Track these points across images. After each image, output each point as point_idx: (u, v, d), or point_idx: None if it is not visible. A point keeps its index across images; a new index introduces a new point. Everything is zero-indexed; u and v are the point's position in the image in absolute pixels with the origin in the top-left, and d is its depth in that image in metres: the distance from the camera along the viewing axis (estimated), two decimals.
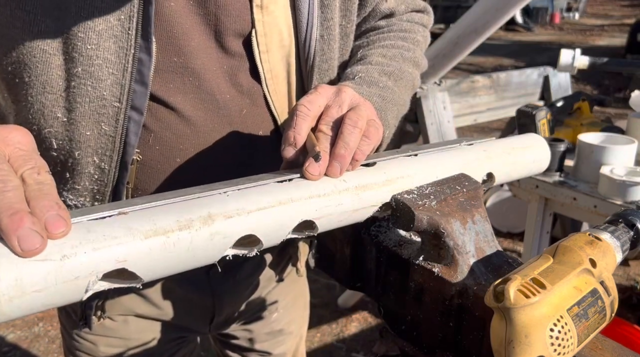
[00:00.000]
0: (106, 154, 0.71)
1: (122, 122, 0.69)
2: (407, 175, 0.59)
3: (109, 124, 0.69)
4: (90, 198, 0.75)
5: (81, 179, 0.73)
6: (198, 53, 0.72)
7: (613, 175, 1.49)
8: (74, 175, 0.73)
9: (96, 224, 0.43)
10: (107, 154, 0.71)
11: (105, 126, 0.69)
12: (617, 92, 6.67)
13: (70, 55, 0.64)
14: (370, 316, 2.59)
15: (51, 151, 0.71)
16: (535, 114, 1.73)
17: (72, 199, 0.75)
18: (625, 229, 0.54)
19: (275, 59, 0.77)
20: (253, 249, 0.49)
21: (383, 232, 0.62)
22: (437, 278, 0.54)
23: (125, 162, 0.72)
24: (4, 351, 2.35)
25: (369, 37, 0.89)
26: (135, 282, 0.44)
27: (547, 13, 14.53)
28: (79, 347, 0.93)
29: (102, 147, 0.70)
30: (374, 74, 0.79)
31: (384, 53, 0.84)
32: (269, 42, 0.75)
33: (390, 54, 0.84)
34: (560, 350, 0.43)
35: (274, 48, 0.76)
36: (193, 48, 0.72)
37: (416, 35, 0.91)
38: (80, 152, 0.70)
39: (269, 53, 0.75)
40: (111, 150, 0.70)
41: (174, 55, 0.71)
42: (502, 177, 0.70)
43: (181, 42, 0.71)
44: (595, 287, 0.47)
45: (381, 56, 0.83)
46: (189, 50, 0.71)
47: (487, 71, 7.63)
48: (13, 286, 0.37)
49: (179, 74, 0.72)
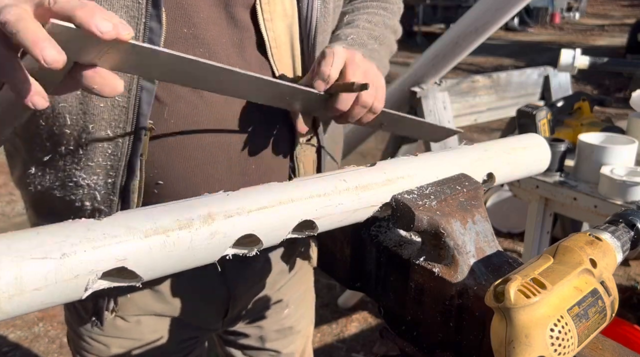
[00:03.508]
0: (119, 126, 0.71)
1: (135, 92, 0.70)
2: (407, 176, 0.59)
3: (122, 94, 0.69)
4: (104, 176, 0.75)
5: (95, 154, 0.73)
6: (207, 24, 0.74)
7: (613, 176, 1.49)
8: (87, 151, 0.73)
9: (96, 223, 0.43)
10: (120, 126, 0.71)
11: (118, 97, 0.70)
12: (617, 92, 6.67)
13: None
14: (370, 316, 2.59)
15: (64, 128, 0.72)
16: (535, 114, 1.73)
17: (85, 178, 0.75)
18: (626, 229, 0.54)
19: (279, 29, 0.79)
20: (253, 249, 0.49)
21: (383, 232, 0.62)
22: (437, 278, 0.54)
23: (139, 132, 0.72)
24: (4, 351, 2.35)
25: (354, 5, 0.96)
26: (135, 281, 0.44)
27: (547, 13, 14.53)
28: (89, 349, 0.92)
29: (116, 119, 0.71)
30: (363, 36, 0.87)
31: (369, 19, 0.91)
32: (273, 10, 0.78)
33: (375, 21, 0.91)
34: (561, 350, 0.43)
35: (278, 17, 0.79)
36: (202, 19, 0.73)
37: (394, 6, 0.99)
38: (95, 125, 0.71)
39: (272, 22, 0.78)
40: (124, 122, 0.71)
41: (184, 27, 0.72)
42: (502, 177, 0.70)
43: (191, 13, 0.72)
44: (596, 287, 0.47)
45: (367, 22, 0.90)
46: (199, 22, 0.73)
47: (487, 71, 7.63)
48: (13, 284, 0.37)
49: (189, 46, 0.73)
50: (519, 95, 2.52)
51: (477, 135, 4.90)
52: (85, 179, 0.75)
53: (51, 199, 0.79)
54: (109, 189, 0.76)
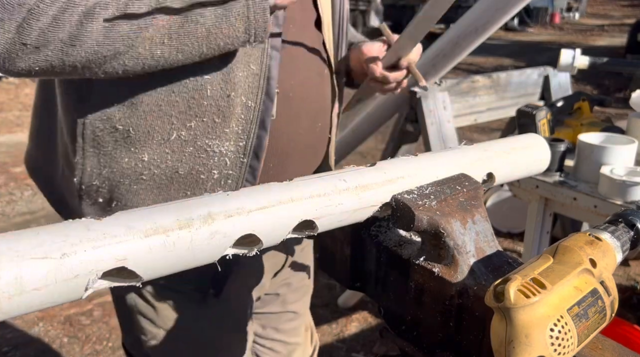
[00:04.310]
0: (252, 92, 0.83)
1: (265, 60, 0.83)
2: (407, 176, 0.59)
3: (256, 63, 0.83)
4: (234, 141, 0.85)
5: (230, 121, 0.84)
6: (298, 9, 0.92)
7: (613, 176, 1.49)
8: (224, 118, 0.83)
9: (96, 223, 0.43)
10: (253, 92, 0.83)
11: (252, 66, 0.83)
12: (617, 92, 6.66)
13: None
14: (370, 316, 2.59)
15: (203, 100, 0.81)
16: (535, 114, 1.73)
17: (219, 145, 0.85)
18: (626, 229, 0.54)
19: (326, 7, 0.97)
20: (253, 249, 0.49)
21: (383, 232, 0.62)
22: (437, 278, 0.54)
23: (272, 94, 0.85)
24: (4, 350, 2.35)
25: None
26: (135, 280, 0.44)
27: (547, 13, 14.53)
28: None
29: (250, 86, 0.83)
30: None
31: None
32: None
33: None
34: (561, 350, 0.43)
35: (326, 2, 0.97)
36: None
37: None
38: (234, 93, 0.82)
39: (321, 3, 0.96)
40: (257, 88, 0.83)
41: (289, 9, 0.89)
42: (502, 177, 0.70)
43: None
44: (596, 287, 0.47)
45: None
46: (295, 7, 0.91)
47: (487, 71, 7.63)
48: (13, 284, 0.37)
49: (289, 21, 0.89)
50: (519, 95, 2.52)
51: (477, 135, 4.90)
52: (219, 146, 0.84)
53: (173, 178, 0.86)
54: (240, 152, 0.86)
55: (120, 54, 0.71)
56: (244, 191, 0.51)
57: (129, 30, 0.70)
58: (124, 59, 0.72)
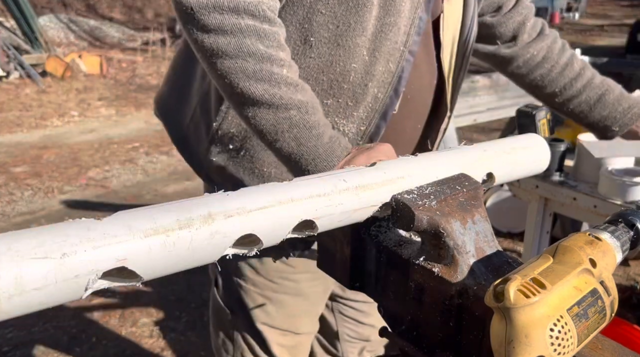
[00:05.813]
0: (384, 86, 0.94)
1: (402, 61, 0.94)
2: (407, 176, 0.59)
3: (394, 62, 0.94)
4: (357, 124, 0.96)
5: (360, 106, 0.95)
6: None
7: (613, 176, 1.49)
8: (356, 103, 0.94)
9: (96, 223, 0.43)
10: (385, 86, 0.94)
11: (390, 64, 0.93)
12: None
13: (386, 8, 0.89)
14: None
15: (344, 84, 0.92)
16: (535, 114, 1.72)
17: (344, 125, 0.96)
18: (625, 229, 0.54)
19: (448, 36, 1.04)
20: (253, 249, 0.49)
21: (383, 232, 0.62)
22: (437, 278, 0.54)
23: (399, 92, 0.96)
24: (3, 350, 2.35)
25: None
26: (135, 280, 0.44)
27: (547, 13, 14.52)
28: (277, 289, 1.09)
29: (384, 80, 0.94)
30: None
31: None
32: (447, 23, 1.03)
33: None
34: (560, 350, 0.43)
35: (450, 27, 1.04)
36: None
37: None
38: (371, 84, 0.93)
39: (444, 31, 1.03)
40: (388, 83, 0.94)
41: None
42: (502, 177, 0.70)
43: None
44: (595, 287, 0.47)
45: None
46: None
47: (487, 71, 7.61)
48: (13, 284, 0.37)
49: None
50: (519, 95, 2.52)
51: (477, 135, 4.90)
52: (344, 126, 0.95)
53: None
54: (358, 135, 0.97)
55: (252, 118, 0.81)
56: (244, 190, 0.51)
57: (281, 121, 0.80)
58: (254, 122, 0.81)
